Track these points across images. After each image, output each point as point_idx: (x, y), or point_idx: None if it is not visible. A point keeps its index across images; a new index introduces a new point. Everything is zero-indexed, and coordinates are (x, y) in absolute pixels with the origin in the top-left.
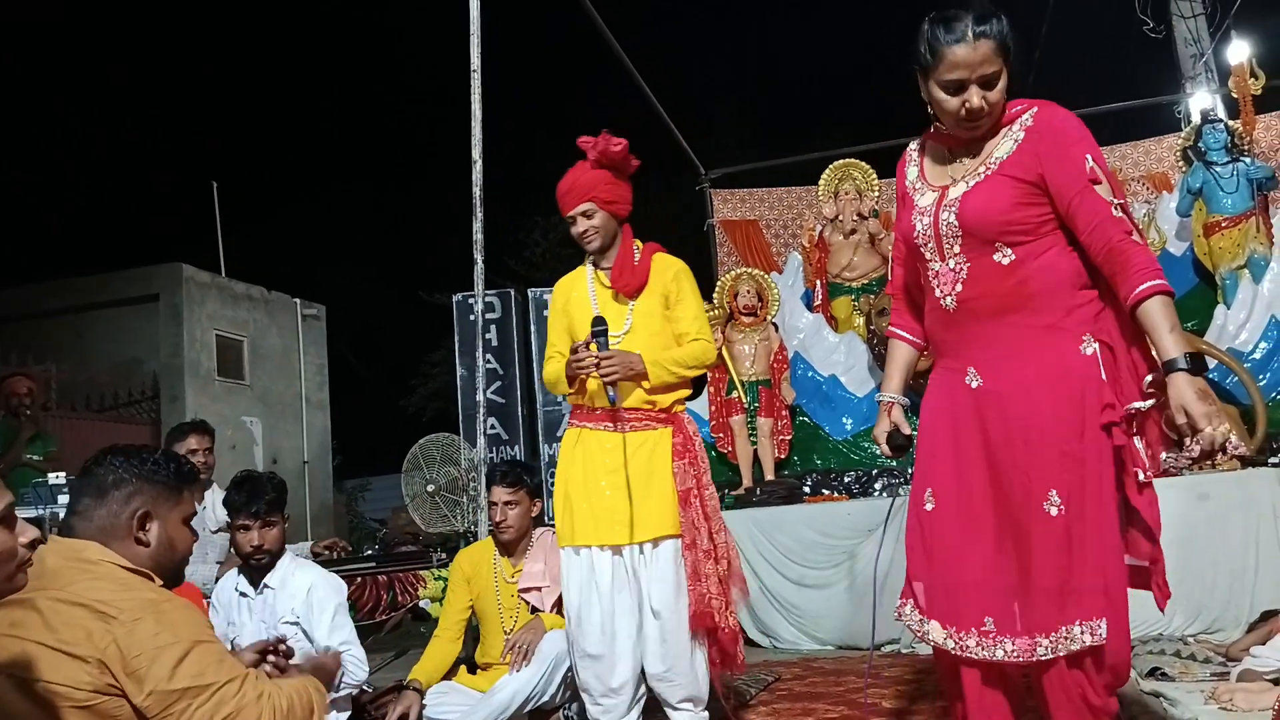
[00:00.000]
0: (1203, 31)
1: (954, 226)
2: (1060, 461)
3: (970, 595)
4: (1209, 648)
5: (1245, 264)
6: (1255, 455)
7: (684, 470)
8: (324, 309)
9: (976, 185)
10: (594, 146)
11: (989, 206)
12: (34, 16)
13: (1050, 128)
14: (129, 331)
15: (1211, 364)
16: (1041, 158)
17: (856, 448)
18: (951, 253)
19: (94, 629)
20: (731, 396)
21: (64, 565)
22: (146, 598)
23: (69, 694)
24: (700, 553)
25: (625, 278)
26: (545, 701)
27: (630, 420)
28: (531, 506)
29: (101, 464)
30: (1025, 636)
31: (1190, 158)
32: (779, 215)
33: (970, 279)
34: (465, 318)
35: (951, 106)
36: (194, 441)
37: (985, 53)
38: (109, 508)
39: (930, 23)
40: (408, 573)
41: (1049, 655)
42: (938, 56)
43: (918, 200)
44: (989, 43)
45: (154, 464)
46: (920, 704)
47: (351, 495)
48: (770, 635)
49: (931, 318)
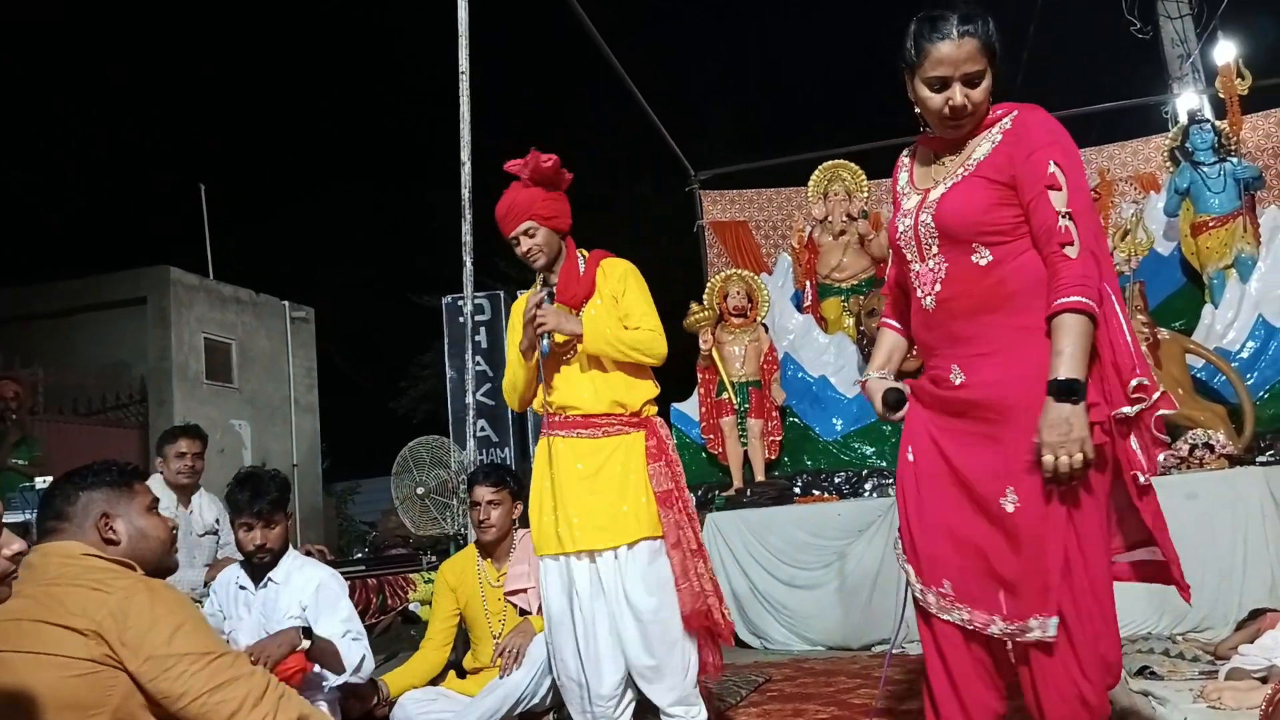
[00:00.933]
0: (1190, 32)
1: (930, 228)
2: (1027, 459)
3: (935, 553)
4: (1197, 646)
5: (1233, 263)
6: (1243, 454)
7: (660, 472)
8: (313, 311)
9: (954, 186)
10: (525, 166)
11: (964, 208)
12: (18, 17)
13: (1024, 130)
14: (116, 335)
15: (1199, 363)
16: (1013, 160)
17: (847, 448)
18: (930, 253)
19: (90, 601)
20: (722, 398)
21: (49, 562)
22: (137, 579)
23: (67, 664)
24: (687, 551)
25: (571, 289)
26: (535, 704)
27: (603, 426)
28: (514, 508)
29: (53, 495)
30: (982, 611)
31: (1178, 158)
32: (768, 216)
33: (948, 279)
34: (454, 320)
35: (935, 104)
36: (184, 445)
37: (969, 50)
38: (73, 522)
39: (917, 21)
40: (397, 576)
41: (998, 635)
42: (923, 53)
43: (904, 204)
44: (973, 41)
45: (94, 473)
46: (911, 703)
47: (341, 498)
48: (761, 636)
49: (915, 319)
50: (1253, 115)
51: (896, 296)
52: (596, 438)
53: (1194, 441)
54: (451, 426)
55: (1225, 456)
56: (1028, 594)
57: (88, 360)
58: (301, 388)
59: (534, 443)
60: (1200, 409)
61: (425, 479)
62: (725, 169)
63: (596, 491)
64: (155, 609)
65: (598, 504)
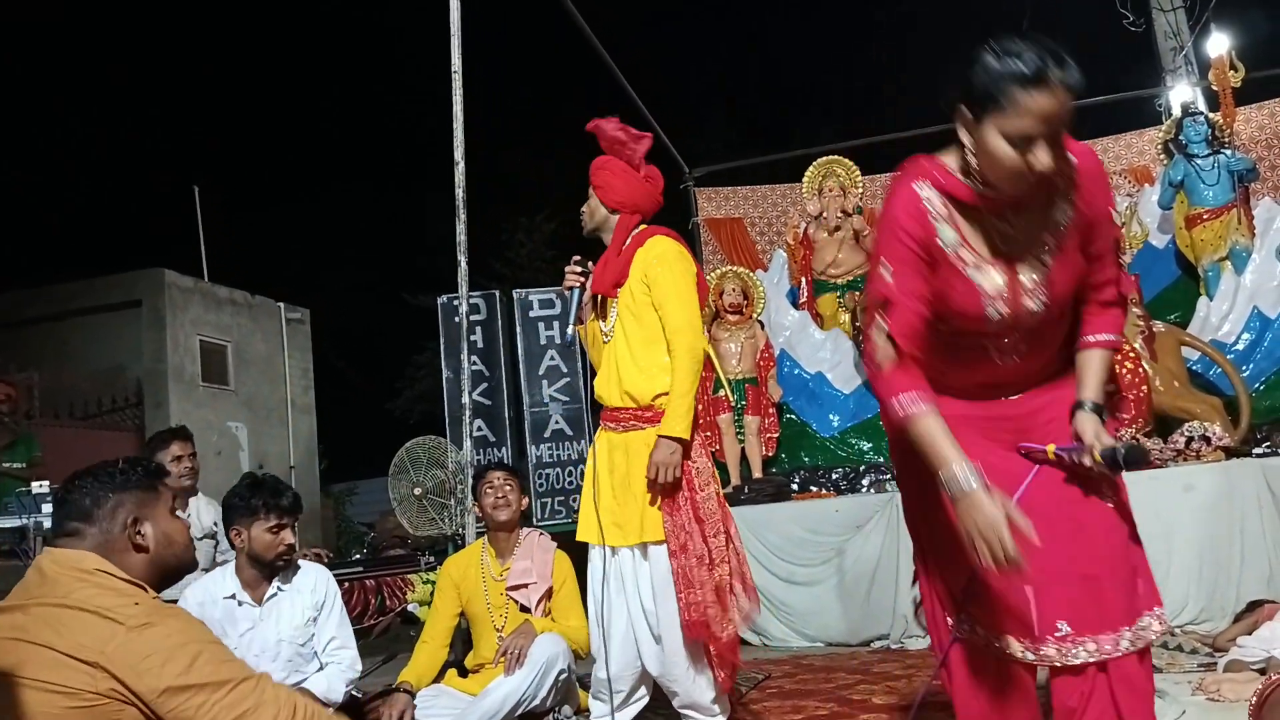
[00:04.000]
0: (1182, 25)
1: (1039, 314)
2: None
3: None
4: (1196, 638)
5: (1227, 255)
6: (1239, 446)
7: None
8: (308, 312)
9: (1058, 263)
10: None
11: (1071, 280)
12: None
13: (1092, 183)
14: (111, 338)
15: (1195, 355)
16: (1089, 220)
17: (843, 444)
18: (1021, 328)
19: (99, 633)
20: (718, 395)
21: (62, 574)
22: (150, 604)
23: (69, 696)
24: (692, 559)
25: (600, 275)
26: (535, 705)
27: (622, 420)
28: (522, 498)
29: (75, 489)
30: (1109, 632)
31: (1171, 150)
32: (763, 213)
33: (1031, 345)
34: (450, 320)
35: (1012, 163)
36: (178, 448)
37: (1065, 104)
38: (100, 525)
39: (998, 55)
40: (396, 576)
41: (1132, 648)
42: (1010, 100)
43: (978, 280)
44: (1069, 95)
45: (123, 472)
46: (910, 699)
47: (339, 499)
48: (760, 633)
49: (976, 375)
50: (1246, 107)
51: (915, 352)
52: (618, 432)
53: (1190, 434)
54: (448, 427)
55: (1222, 449)
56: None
57: (83, 364)
58: (298, 389)
59: (531, 442)
60: (1196, 401)
61: (423, 479)
62: (720, 166)
63: (615, 488)
64: (170, 638)
65: (613, 501)
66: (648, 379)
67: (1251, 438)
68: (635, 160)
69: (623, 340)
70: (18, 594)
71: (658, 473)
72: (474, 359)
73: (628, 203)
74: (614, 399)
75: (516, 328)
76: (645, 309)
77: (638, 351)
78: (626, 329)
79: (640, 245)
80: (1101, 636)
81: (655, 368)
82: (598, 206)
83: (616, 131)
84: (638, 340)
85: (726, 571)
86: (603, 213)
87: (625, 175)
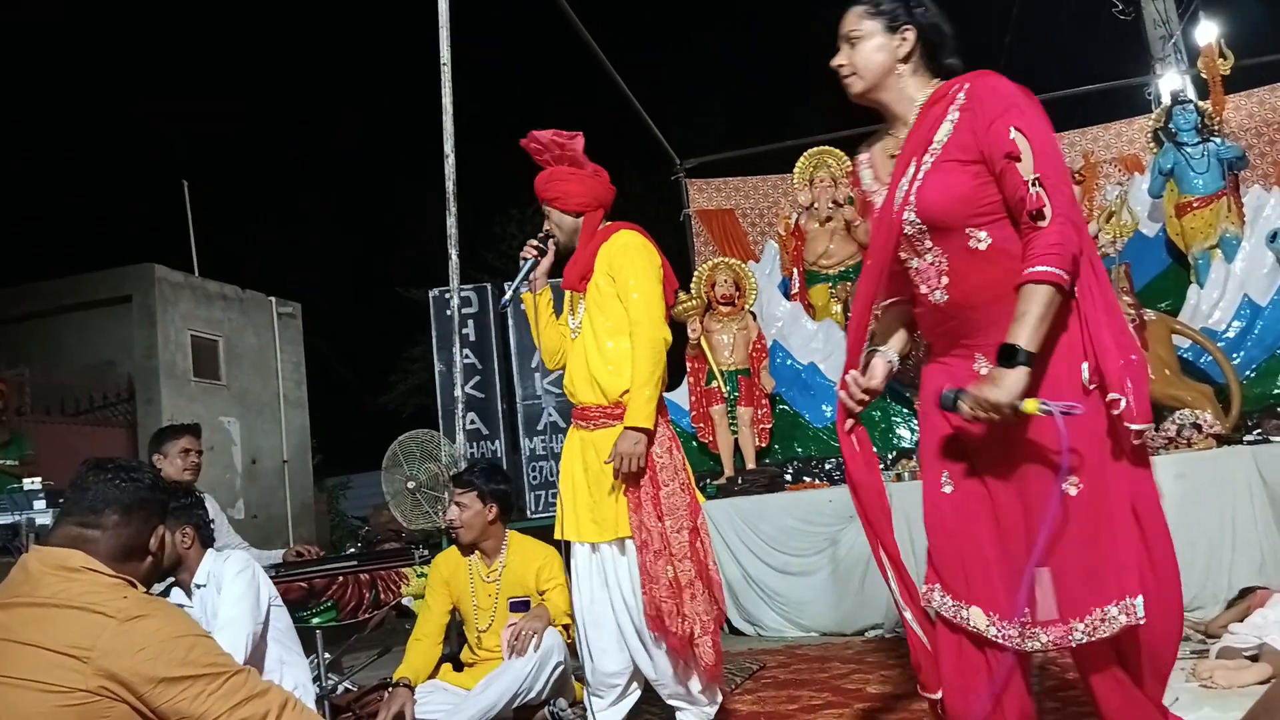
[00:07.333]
0: (1171, 13)
1: (916, 223)
2: (1081, 441)
3: (1003, 581)
4: (1188, 625)
5: (1217, 243)
6: (1230, 434)
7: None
8: (299, 306)
9: (927, 175)
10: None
11: (944, 195)
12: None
13: (978, 101)
14: (102, 334)
15: (1185, 343)
16: (976, 134)
17: (836, 435)
18: (924, 248)
19: (89, 628)
20: (711, 386)
21: (47, 572)
22: (138, 598)
23: (58, 695)
24: (651, 554)
25: (568, 272)
26: (532, 698)
27: (592, 419)
28: (487, 509)
29: (102, 482)
30: (1059, 623)
31: (1161, 139)
32: (755, 204)
33: (952, 270)
34: (442, 313)
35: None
36: (187, 442)
37: (852, 15)
38: (134, 528)
39: None
40: (390, 570)
41: (1084, 640)
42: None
43: (876, 202)
44: (857, 7)
45: (152, 481)
46: (904, 687)
47: (332, 493)
48: (754, 623)
49: (927, 318)
50: (1235, 95)
51: (889, 295)
52: (589, 430)
53: (1181, 422)
54: (441, 420)
55: (1213, 436)
56: (1107, 578)
57: (74, 360)
58: (290, 383)
59: (524, 435)
60: (1187, 389)
61: (416, 473)
62: (711, 157)
63: (591, 485)
64: (161, 630)
65: (593, 498)
66: (615, 373)
67: (1242, 425)
68: (578, 159)
69: (590, 334)
70: (2, 593)
71: (621, 462)
72: (466, 352)
73: (589, 202)
74: (583, 394)
75: (509, 321)
76: (610, 300)
77: (604, 344)
78: (594, 322)
79: (605, 240)
80: (1052, 628)
81: (622, 361)
82: (562, 218)
83: (553, 136)
84: (604, 332)
85: (689, 568)
86: (569, 221)
87: (576, 177)
